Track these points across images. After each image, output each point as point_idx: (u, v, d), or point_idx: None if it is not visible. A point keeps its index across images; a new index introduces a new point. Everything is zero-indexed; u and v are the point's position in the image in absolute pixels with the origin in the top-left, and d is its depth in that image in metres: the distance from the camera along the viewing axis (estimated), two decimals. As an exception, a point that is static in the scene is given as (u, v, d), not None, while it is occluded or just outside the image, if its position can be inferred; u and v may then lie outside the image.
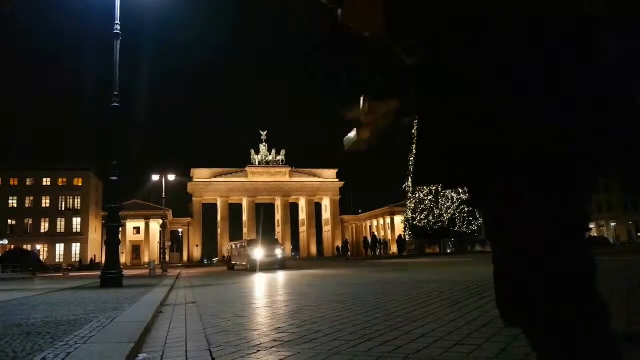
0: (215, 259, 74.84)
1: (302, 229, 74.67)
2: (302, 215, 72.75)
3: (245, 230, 70.97)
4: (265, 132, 71.23)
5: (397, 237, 43.90)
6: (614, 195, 70.37)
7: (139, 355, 2.94)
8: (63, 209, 66.31)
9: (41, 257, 54.82)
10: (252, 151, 71.23)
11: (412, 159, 24.85)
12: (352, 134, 1.36)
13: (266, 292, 8.23)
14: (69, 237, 65.48)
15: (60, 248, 65.20)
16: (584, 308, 0.91)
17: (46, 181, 65.89)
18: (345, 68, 1.39)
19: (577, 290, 0.91)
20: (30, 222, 64.86)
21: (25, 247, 53.46)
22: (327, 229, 75.60)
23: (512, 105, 0.91)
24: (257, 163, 70.98)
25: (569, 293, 0.90)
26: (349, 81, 1.40)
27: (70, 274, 29.65)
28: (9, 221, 63.85)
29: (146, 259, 58.02)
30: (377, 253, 45.04)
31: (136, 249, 69.44)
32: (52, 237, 64.65)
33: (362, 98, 1.33)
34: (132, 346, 2.80)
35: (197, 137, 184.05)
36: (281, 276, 14.34)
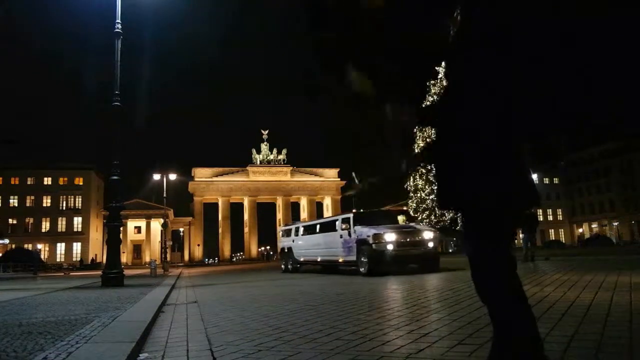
0: (216, 259, 74.81)
1: (304, 229, 74.64)
2: (304, 214, 72.63)
3: (246, 230, 70.95)
4: (267, 131, 71.21)
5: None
6: (617, 195, 70.30)
7: (140, 354, 2.93)
8: (64, 208, 66.21)
9: (42, 257, 54.85)
10: (254, 150, 71.18)
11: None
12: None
13: (268, 291, 8.22)
14: (70, 236, 65.40)
15: (61, 247, 65.13)
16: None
17: (47, 180, 65.75)
18: None
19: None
20: (31, 221, 64.77)
21: (26, 246, 53.38)
22: (328, 228, 75.36)
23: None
24: (258, 162, 70.91)
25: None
26: None
27: (71, 274, 29.69)
28: (10, 220, 63.71)
29: (147, 259, 58.05)
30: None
31: (137, 249, 69.42)
32: (53, 237, 64.57)
33: None
34: (133, 346, 2.79)
35: (199, 136, 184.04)
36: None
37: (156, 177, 33.30)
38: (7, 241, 54.40)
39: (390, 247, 10.81)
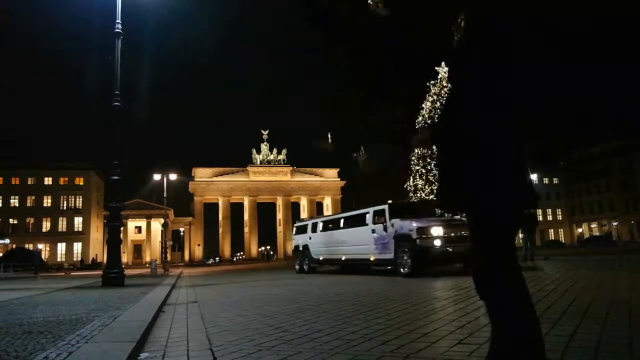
0: (217, 258, 74.80)
1: (304, 228, 74.69)
2: (304, 214, 72.54)
3: (246, 229, 70.94)
4: (267, 132, 71.22)
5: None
6: (616, 195, 70.29)
7: (141, 354, 2.94)
8: (64, 208, 66.24)
9: (43, 257, 54.86)
10: (254, 150, 71.18)
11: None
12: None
13: (268, 291, 8.23)
14: (70, 236, 65.42)
15: (61, 247, 65.15)
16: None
17: (47, 180, 65.75)
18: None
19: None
20: (32, 221, 64.79)
21: (26, 246, 53.32)
22: (328, 228, 75.26)
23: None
24: (258, 162, 70.92)
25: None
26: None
27: (72, 273, 29.70)
28: (11, 220, 63.76)
29: (148, 259, 58.05)
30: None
31: (138, 248, 69.45)
32: (53, 237, 64.58)
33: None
34: (133, 345, 2.80)
35: (199, 136, 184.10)
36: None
37: (156, 177, 33.27)
38: (8, 241, 54.40)
39: (437, 242, 9.37)
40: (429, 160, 23.57)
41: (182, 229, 70.12)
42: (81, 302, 6.14)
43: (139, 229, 69.87)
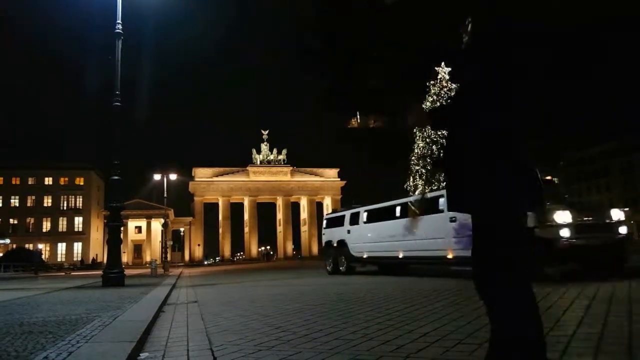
0: (217, 258, 74.85)
1: (304, 229, 74.70)
2: (304, 214, 72.65)
3: (246, 230, 70.94)
4: (267, 132, 71.25)
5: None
6: (617, 195, 70.28)
7: (141, 354, 2.94)
8: (65, 208, 66.27)
9: (43, 256, 54.85)
10: (254, 150, 71.20)
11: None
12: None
13: (268, 291, 8.22)
14: (70, 236, 65.43)
15: (62, 247, 65.15)
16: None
17: (48, 180, 65.80)
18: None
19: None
20: (32, 221, 64.83)
21: (27, 246, 53.36)
22: (328, 228, 75.15)
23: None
24: (258, 162, 70.93)
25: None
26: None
27: (72, 273, 29.71)
28: (11, 220, 63.84)
29: (148, 258, 58.04)
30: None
31: (138, 248, 69.45)
32: (53, 236, 64.59)
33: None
34: (133, 345, 2.80)
35: (199, 136, 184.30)
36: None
37: (156, 177, 33.29)
38: (8, 241, 54.45)
39: (565, 232, 6.69)
40: (428, 160, 23.54)
41: (182, 229, 70.13)
42: (81, 302, 6.13)
43: (139, 229, 69.87)
